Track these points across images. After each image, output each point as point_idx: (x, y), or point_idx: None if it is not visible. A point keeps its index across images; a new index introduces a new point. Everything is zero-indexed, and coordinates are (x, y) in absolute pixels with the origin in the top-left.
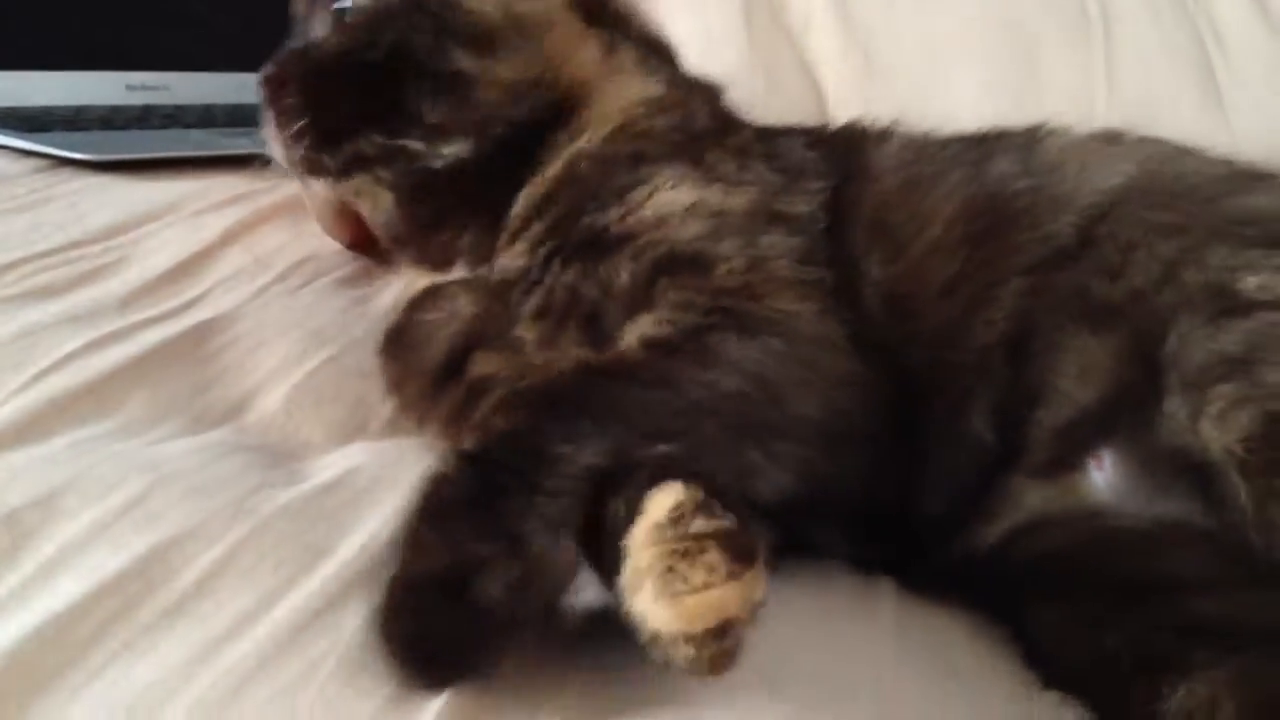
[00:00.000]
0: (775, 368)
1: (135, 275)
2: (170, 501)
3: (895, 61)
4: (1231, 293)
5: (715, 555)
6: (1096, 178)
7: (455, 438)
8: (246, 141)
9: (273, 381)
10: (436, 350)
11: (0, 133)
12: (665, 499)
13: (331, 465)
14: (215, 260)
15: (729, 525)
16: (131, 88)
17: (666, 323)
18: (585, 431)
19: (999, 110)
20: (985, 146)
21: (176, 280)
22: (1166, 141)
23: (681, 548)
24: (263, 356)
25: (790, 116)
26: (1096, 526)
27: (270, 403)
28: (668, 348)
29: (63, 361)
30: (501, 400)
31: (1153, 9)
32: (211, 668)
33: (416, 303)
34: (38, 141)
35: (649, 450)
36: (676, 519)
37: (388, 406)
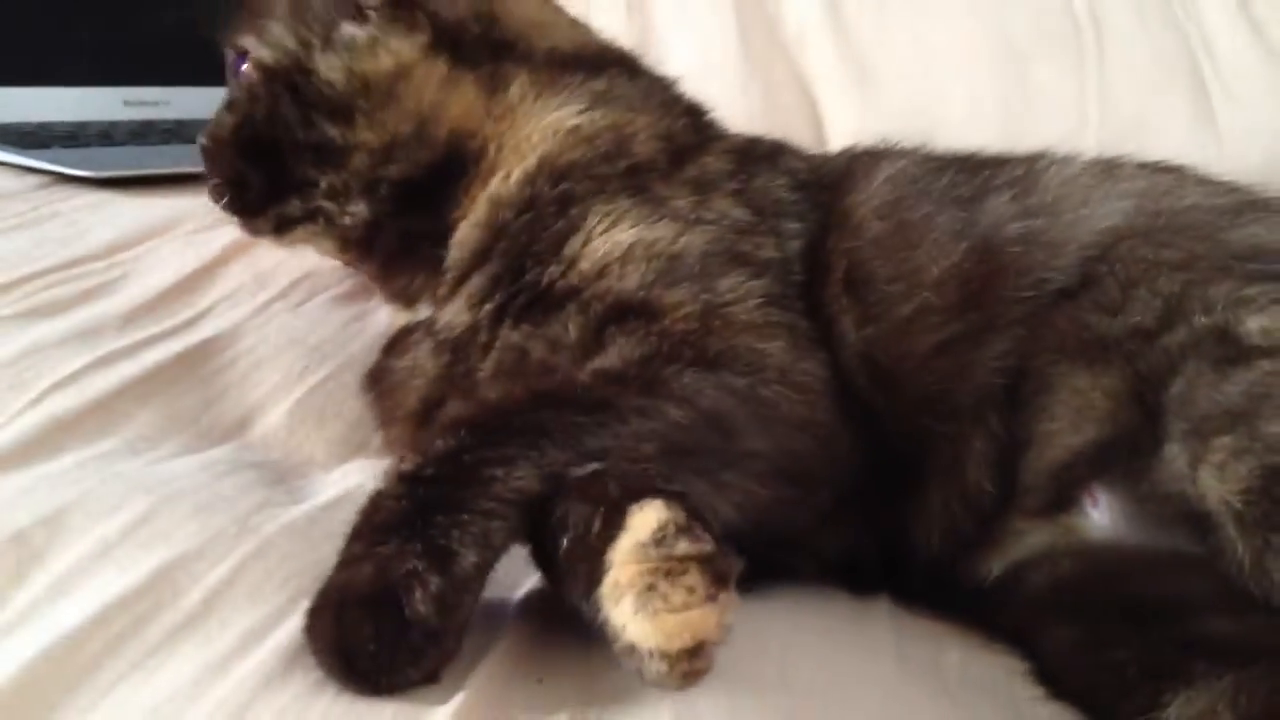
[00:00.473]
0: (731, 404)
1: (137, 292)
2: (176, 520)
3: (889, 75)
4: (1234, 338)
5: (696, 577)
6: (1096, 216)
7: None
8: None
9: (274, 399)
10: (412, 397)
11: (0, 150)
12: (649, 517)
13: (333, 483)
14: (216, 277)
15: (709, 549)
16: (130, 103)
17: (618, 357)
18: (515, 455)
19: (992, 124)
20: (980, 180)
21: (178, 297)
22: (1166, 170)
23: (664, 567)
24: (264, 373)
25: (786, 130)
26: (1101, 556)
27: (272, 420)
28: (616, 376)
29: (67, 380)
30: (444, 421)
31: (1144, 24)
32: (220, 686)
33: (389, 347)
34: (37, 158)
35: (582, 470)
36: (660, 539)
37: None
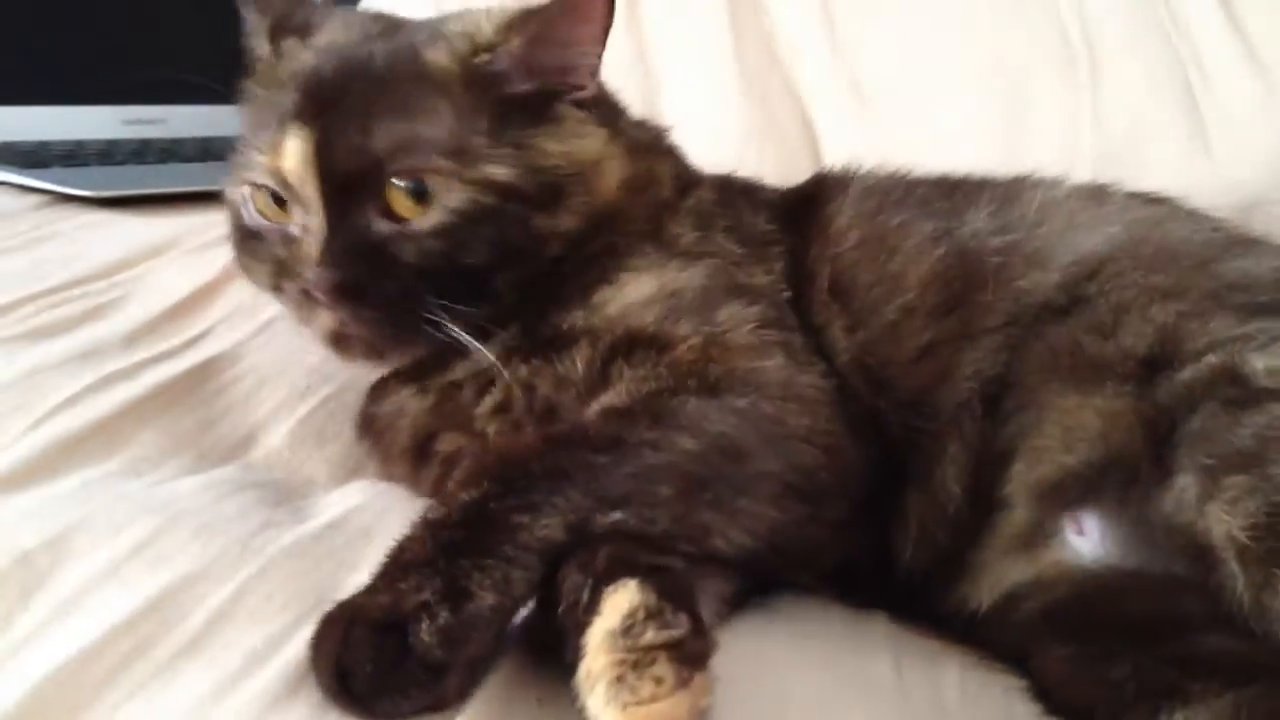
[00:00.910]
0: (736, 424)
1: (139, 312)
2: (179, 542)
3: (883, 90)
4: (1242, 379)
5: (664, 668)
6: (1081, 237)
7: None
8: None
9: (276, 418)
10: (403, 435)
11: None
12: (621, 602)
13: (334, 504)
14: (217, 296)
15: (679, 634)
16: (128, 122)
17: (625, 394)
18: (540, 501)
19: (987, 139)
20: (960, 196)
21: (179, 317)
22: (1156, 201)
23: (631, 659)
24: (266, 393)
25: (781, 144)
26: (1093, 578)
27: (274, 440)
28: (625, 413)
29: (70, 401)
30: (466, 471)
31: (1136, 43)
32: (225, 708)
33: (373, 394)
34: (37, 177)
35: (605, 518)
36: (629, 626)
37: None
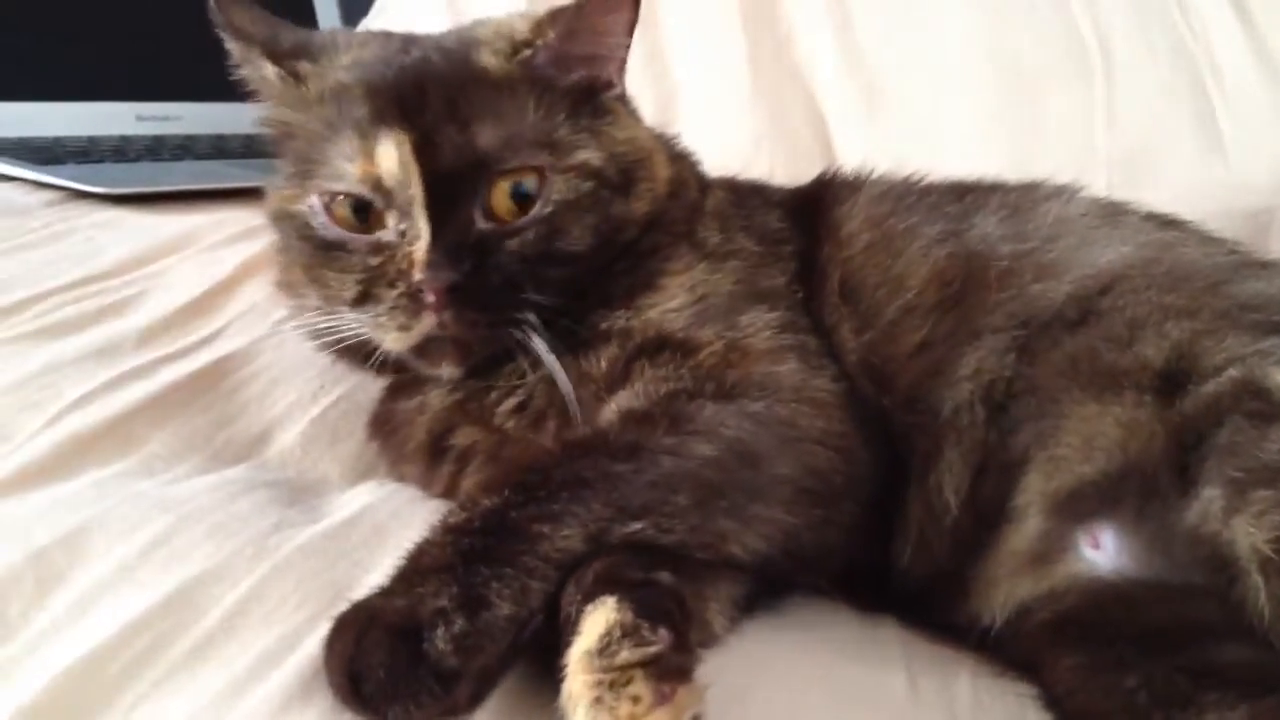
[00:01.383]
0: (751, 429)
1: (153, 310)
2: (194, 541)
3: (898, 94)
4: (1265, 393)
5: (640, 686)
6: (1094, 252)
7: (455, 499)
8: (258, 173)
9: (290, 417)
10: (420, 431)
11: (14, 164)
12: (597, 622)
13: (348, 503)
14: (231, 295)
15: (656, 650)
16: (142, 118)
17: (643, 395)
18: (560, 510)
19: (1001, 144)
20: (970, 200)
21: (194, 315)
22: (1171, 224)
23: (608, 679)
24: (280, 392)
25: (795, 149)
26: (1108, 588)
27: (287, 439)
28: (643, 417)
29: (84, 400)
30: (485, 476)
31: (1150, 49)
32: (240, 707)
33: (393, 392)
34: (51, 173)
35: (622, 529)
36: (605, 646)
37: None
